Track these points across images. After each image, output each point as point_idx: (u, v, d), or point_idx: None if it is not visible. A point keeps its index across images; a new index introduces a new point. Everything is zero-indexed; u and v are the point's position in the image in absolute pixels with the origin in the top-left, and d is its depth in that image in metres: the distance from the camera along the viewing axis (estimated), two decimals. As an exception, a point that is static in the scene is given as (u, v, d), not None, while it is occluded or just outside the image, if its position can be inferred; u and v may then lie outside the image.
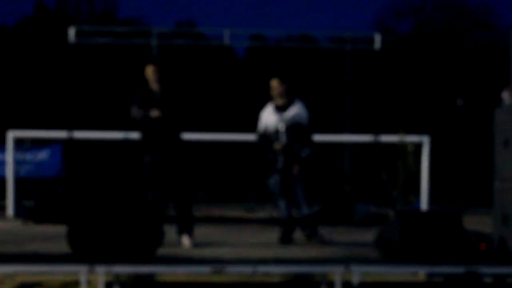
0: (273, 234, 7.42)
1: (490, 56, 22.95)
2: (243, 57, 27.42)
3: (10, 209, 10.46)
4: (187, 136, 7.34)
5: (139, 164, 7.09)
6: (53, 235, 7.54)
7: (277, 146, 7.16)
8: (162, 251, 5.85)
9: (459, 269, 5.19)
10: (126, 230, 5.47)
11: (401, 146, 10.52)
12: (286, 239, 7.19)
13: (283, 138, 7.19)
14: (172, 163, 6.91)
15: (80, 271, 4.90)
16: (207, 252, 6.29)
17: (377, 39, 12.65)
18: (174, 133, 6.98)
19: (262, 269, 5.14)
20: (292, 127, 7.20)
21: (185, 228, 6.94)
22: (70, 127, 11.44)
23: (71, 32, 12.45)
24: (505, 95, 8.34)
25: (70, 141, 11.44)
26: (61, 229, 5.97)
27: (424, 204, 10.54)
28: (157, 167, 6.90)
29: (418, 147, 10.65)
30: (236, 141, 12.02)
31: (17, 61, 23.23)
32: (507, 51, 6.14)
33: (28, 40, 24.22)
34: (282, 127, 7.21)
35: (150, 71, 6.96)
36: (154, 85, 6.96)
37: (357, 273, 5.03)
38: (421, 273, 5.36)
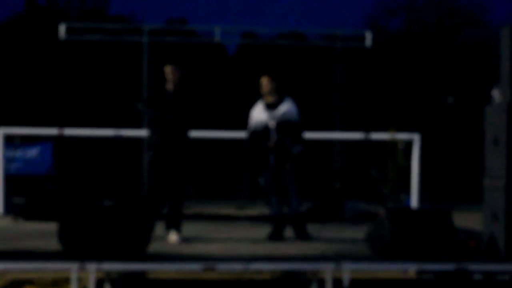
0: (264, 231, 7.43)
1: (480, 54, 23.03)
2: (234, 55, 27.42)
3: (0, 207, 10.43)
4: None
5: (134, 160, 7.12)
6: (43, 233, 7.51)
7: (271, 144, 7.17)
8: (153, 248, 5.84)
9: (449, 266, 5.21)
10: (117, 227, 5.46)
11: (392, 144, 10.53)
12: (276, 236, 7.20)
13: (273, 136, 7.21)
14: (175, 161, 6.92)
15: (71, 269, 4.89)
16: (198, 249, 6.29)
17: (368, 37, 12.66)
18: (181, 133, 7.00)
19: (253, 266, 5.15)
20: (283, 124, 7.22)
21: (174, 224, 6.95)
22: (60, 124, 11.40)
23: (62, 29, 12.40)
24: (495, 93, 8.34)
25: (61, 138, 11.40)
26: (52, 227, 5.96)
27: (414, 201, 10.56)
28: (158, 163, 6.91)
29: (408, 144, 10.67)
30: (227, 139, 12.01)
31: (8, 57, 23.15)
32: (497, 49, 6.16)
33: (19, 37, 24.13)
34: (272, 124, 7.22)
35: (167, 71, 7.00)
36: (168, 85, 6.99)
37: (347, 271, 5.04)
38: (411, 270, 5.38)
